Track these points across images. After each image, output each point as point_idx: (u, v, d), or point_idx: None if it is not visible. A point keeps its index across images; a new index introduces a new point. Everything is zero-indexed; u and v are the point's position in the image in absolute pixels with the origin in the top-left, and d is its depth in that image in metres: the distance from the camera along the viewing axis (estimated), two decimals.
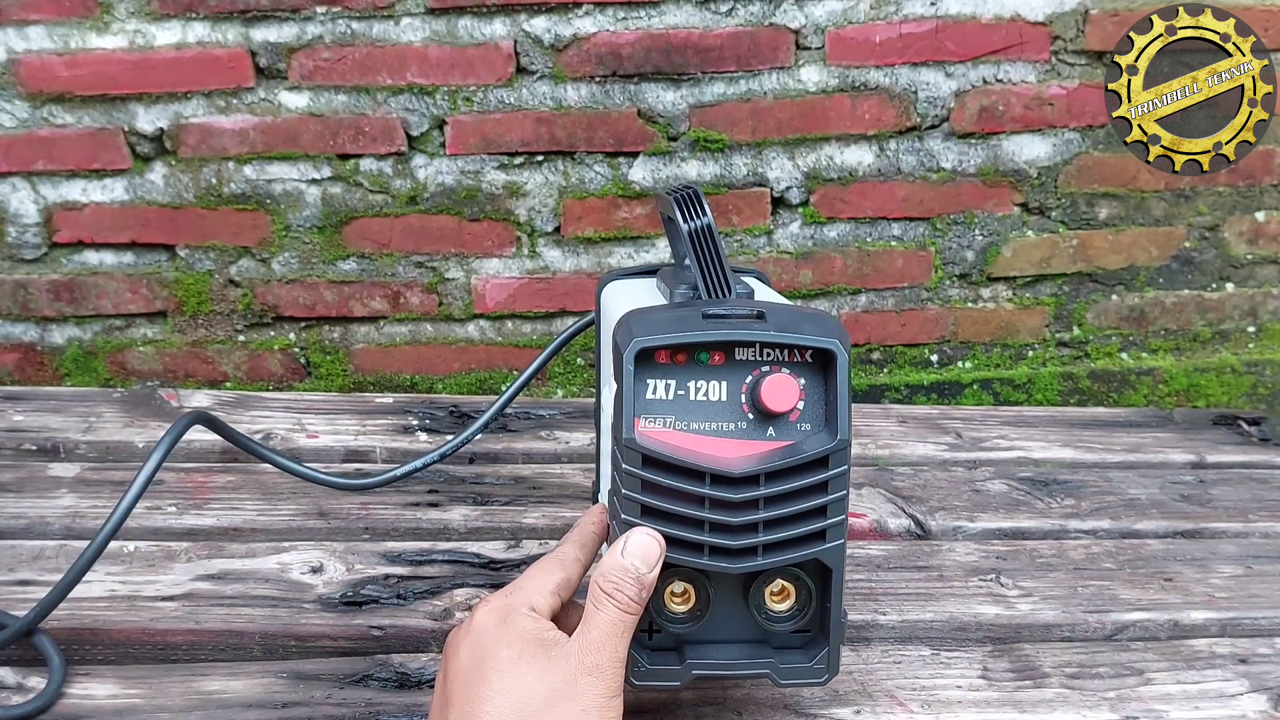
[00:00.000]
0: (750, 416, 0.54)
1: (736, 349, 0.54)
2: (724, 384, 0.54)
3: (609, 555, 0.53)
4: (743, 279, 0.63)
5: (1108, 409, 1.24)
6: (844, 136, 1.38)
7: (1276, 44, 1.31)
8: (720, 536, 0.53)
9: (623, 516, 0.53)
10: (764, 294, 0.65)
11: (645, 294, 0.67)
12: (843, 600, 0.56)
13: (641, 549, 0.52)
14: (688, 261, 0.59)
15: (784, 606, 0.56)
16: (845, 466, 0.54)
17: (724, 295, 0.58)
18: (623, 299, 0.67)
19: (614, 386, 0.54)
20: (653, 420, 0.53)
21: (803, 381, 0.54)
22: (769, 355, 0.54)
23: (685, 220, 0.58)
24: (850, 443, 0.54)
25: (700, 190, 0.60)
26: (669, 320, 0.53)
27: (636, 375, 0.53)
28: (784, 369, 0.54)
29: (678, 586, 0.55)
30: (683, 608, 0.56)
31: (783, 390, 0.53)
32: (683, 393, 0.54)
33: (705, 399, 0.54)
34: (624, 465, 0.52)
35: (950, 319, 1.46)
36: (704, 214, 0.58)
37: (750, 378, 0.54)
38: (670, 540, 0.53)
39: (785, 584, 0.56)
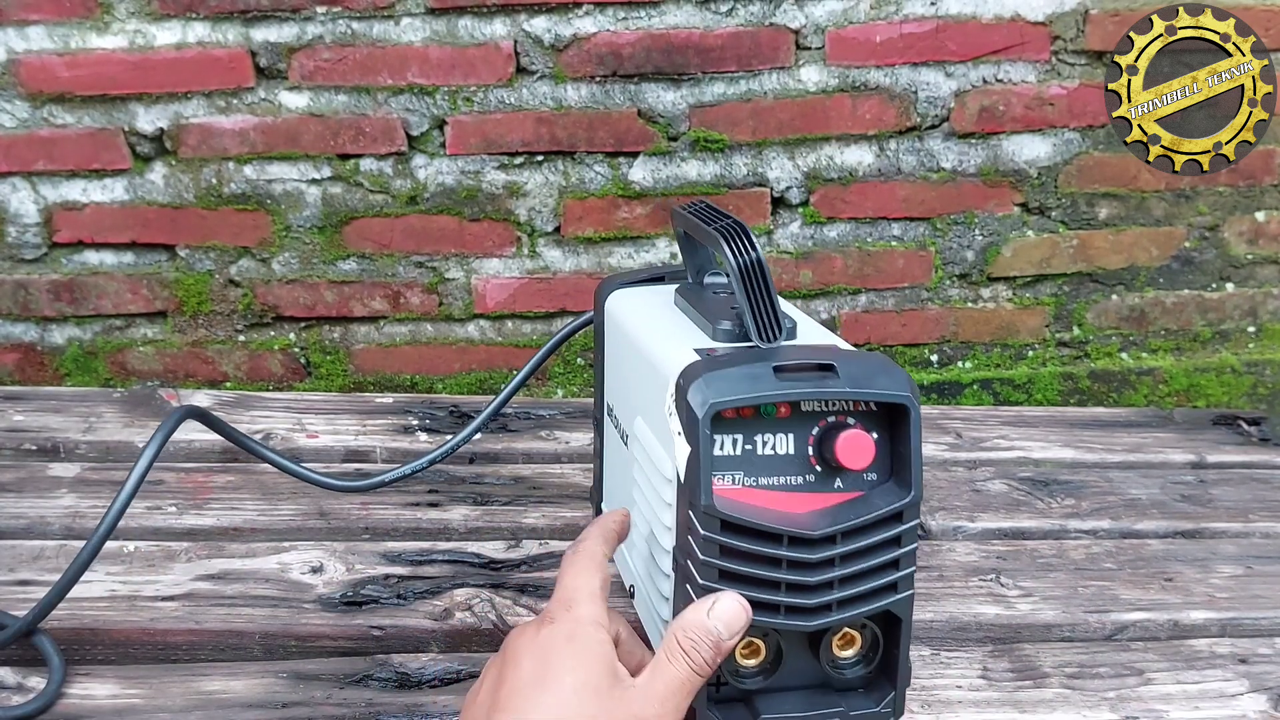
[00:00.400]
0: (818, 469, 0.53)
1: (802, 401, 0.53)
2: (791, 436, 0.53)
3: (693, 611, 0.51)
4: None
5: (1108, 409, 1.24)
6: (844, 136, 1.38)
7: (1276, 44, 1.30)
8: (796, 596, 0.52)
9: (700, 582, 0.52)
10: (796, 316, 0.64)
11: (663, 311, 0.65)
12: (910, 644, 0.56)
13: (728, 615, 0.50)
14: (734, 297, 0.57)
15: (849, 653, 0.56)
16: (917, 520, 0.53)
17: (775, 336, 0.57)
18: (640, 315, 0.66)
19: (679, 444, 0.53)
20: (722, 477, 0.52)
21: (875, 436, 0.53)
22: (835, 405, 0.53)
23: (735, 255, 0.57)
24: (922, 495, 0.53)
25: (746, 224, 0.58)
26: (740, 377, 0.52)
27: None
28: (850, 418, 0.53)
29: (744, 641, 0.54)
30: (752, 661, 0.55)
31: (859, 448, 0.52)
32: (750, 447, 0.53)
33: (772, 452, 0.53)
34: (702, 531, 0.51)
35: (950, 319, 1.46)
36: (753, 248, 0.57)
37: (817, 429, 0.53)
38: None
39: (851, 630, 0.55)
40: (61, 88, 1.29)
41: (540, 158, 1.36)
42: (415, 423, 0.98)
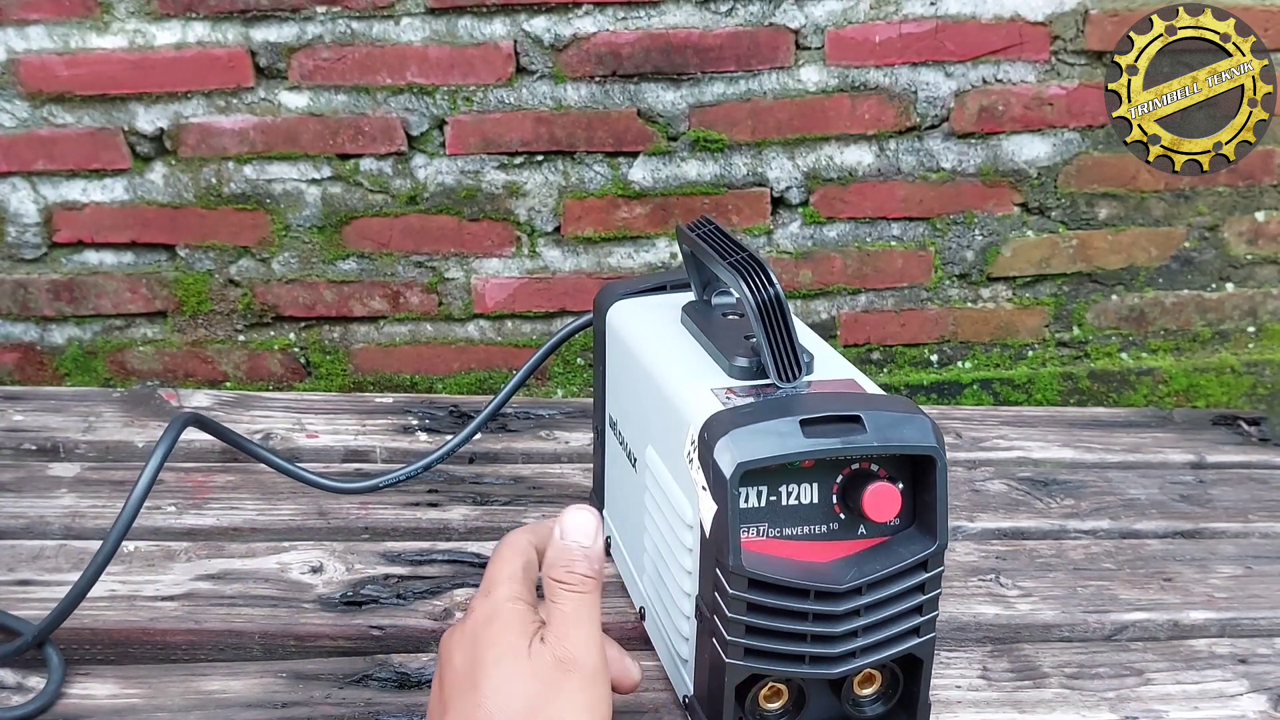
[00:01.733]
0: (841, 516, 0.53)
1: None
2: (815, 486, 0.53)
3: (550, 546, 0.52)
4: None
5: (1108, 409, 1.24)
6: (844, 136, 1.38)
7: (1276, 44, 1.31)
8: (821, 646, 0.52)
9: (728, 638, 0.52)
10: (813, 345, 0.62)
11: (671, 334, 0.64)
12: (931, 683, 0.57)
13: (578, 525, 0.52)
14: (753, 337, 0.56)
15: (869, 690, 0.56)
16: (941, 567, 0.54)
17: (795, 375, 0.55)
18: (647, 336, 0.65)
19: (704, 499, 0.52)
20: (747, 530, 0.52)
21: (900, 485, 0.52)
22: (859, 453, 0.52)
23: (754, 293, 0.55)
24: (948, 542, 0.54)
25: (765, 258, 0.58)
26: (767, 433, 0.50)
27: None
28: (874, 464, 0.53)
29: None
30: (775, 704, 0.55)
31: (886, 501, 0.52)
32: (775, 498, 0.52)
33: (797, 502, 0.53)
34: (730, 590, 0.51)
35: (950, 319, 1.46)
36: (772, 284, 0.55)
37: (841, 477, 0.53)
38: (772, 654, 0.52)
39: (872, 670, 0.56)
40: (61, 87, 1.29)
41: (540, 157, 1.36)
42: (415, 423, 0.98)
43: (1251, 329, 1.50)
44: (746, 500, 0.52)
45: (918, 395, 1.47)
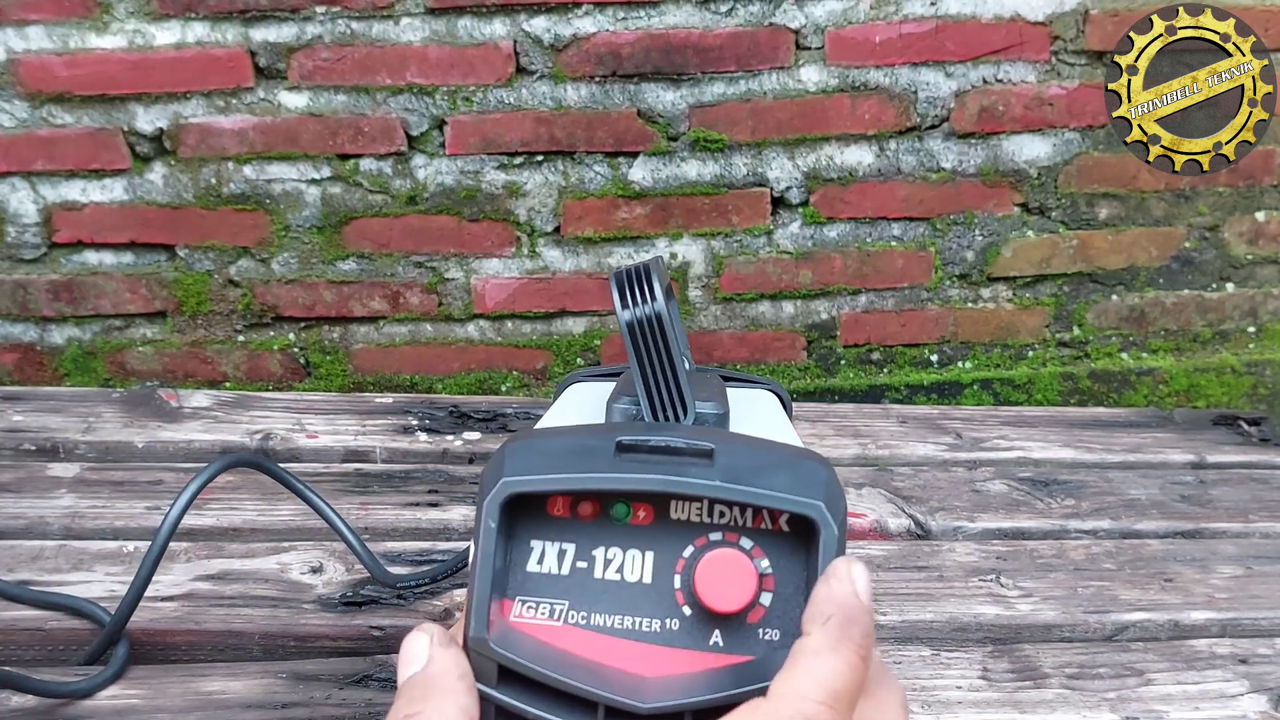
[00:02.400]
0: (686, 612, 0.35)
1: (673, 503, 0.35)
2: (649, 555, 0.35)
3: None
4: (737, 389, 0.46)
5: (1108, 409, 1.24)
6: (844, 136, 1.38)
7: (1276, 44, 1.31)
8: None
9: None
10: (757, 420, 0.47)
11: (592, 409, 0.48)
12: None
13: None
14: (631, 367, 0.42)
15: None
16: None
17: (677, 417, 0.41)
18: (562, 406, 0.51)
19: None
20: (533, 606, 0.35)
21: (766, 564, 0.35)
22: (723, 517, 0.35)
23: (624, 306, 0.42)
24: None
25: (653, 266, 0.42)
26: (563, 450, 0.35)
27: (515, 533, 0.35)
28: (743, 538, 0.35)
29: None
30: None
31: (730, 577, 0.34)
32: (584, 565, 0.35)
33: (619, 578, 0.35)
34: (476, 682, 0.34)
35: (950, 319, 1.46)
36: (649, 298, 0.41)
37: (690, 550, 0.35)
38: None
39: None
40: (61, 87, 1.29)
41: (540, 158, 1.36)
42: (415, 423, 0.98)
43: (1252, 329, 1.50)
44: (540, 561, 0.35)
45: (918, 395, 1.47)
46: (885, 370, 1.48)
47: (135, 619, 0.68)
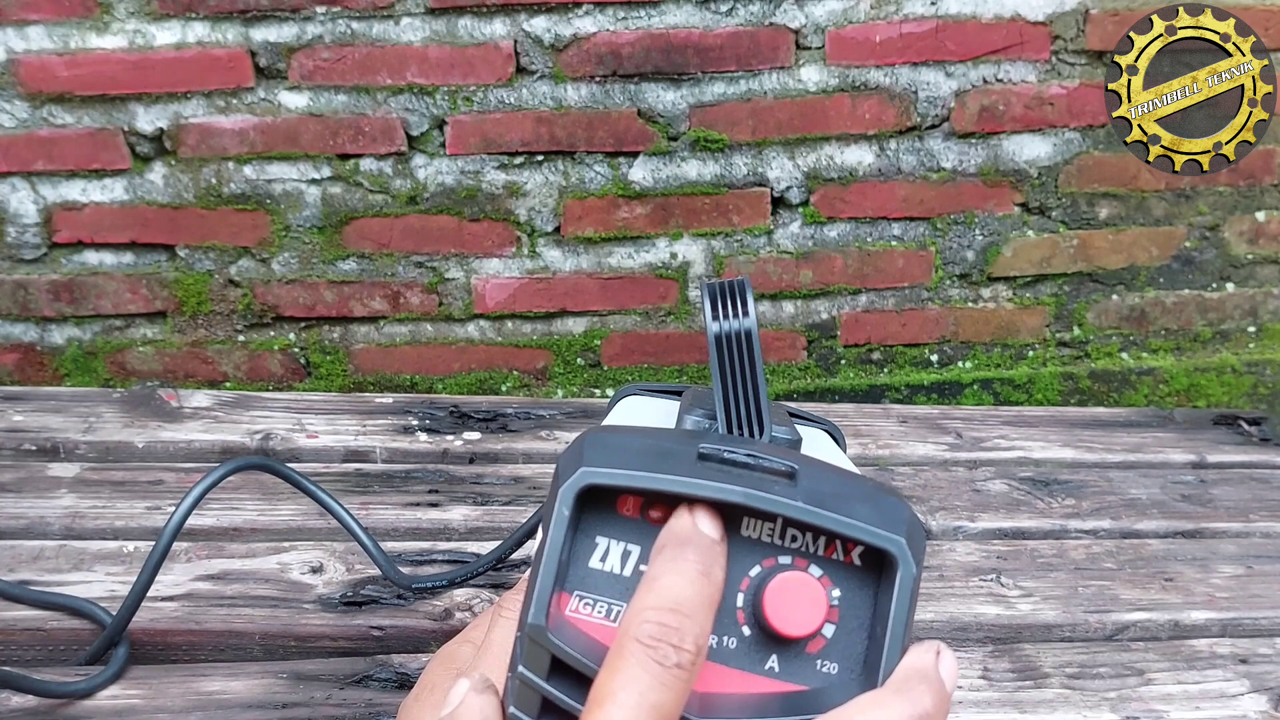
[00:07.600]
0: (745, 631, 0.34)
1: (745, 520, 0.34)
2: None
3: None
4: (799, 425, 0.45)
5: (1108, 409, 1.23)
6: (844, 136, 1.38)
7: (1276, 44, 1.31)
8: None
9: None
10: (820, 452, 0.46)
11: (657, 419, 0.49)
12: None
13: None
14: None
15: None
16: None
17: (753, 435, 0.40)
18: (627, 406, 0.51)
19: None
20: (590, 603, 0.34)
21: (837, 593, 0.34)
22: (795, 541, 0.34)
23: (715, 318, 0.41)
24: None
25: (748, 283, 0.42)
26: (644, 450, 0.34)
27: (580, 526, 0.34)
28: (812, 565, 0.34)
29: None
30: None
31: (800, 601, 0.33)
32: (647, 569, 0.34)
33: None
34: (519, 666, 0.32)
35: (950, 319, 1.46)
36: (743, 313, 0.41)
37: (757, 570, 0.34)
38: None
39: None
40: (61, 88, 1.29)
41: (540, 157, 1.36)
42: (415, 423, 0.98)
43: (1252, 329, 1.50)
44: (604, 558, 0.34)
45: (918, 395, 1.47)
46: (885, 370, 1.48)
47: (135, 619, 0.68)
